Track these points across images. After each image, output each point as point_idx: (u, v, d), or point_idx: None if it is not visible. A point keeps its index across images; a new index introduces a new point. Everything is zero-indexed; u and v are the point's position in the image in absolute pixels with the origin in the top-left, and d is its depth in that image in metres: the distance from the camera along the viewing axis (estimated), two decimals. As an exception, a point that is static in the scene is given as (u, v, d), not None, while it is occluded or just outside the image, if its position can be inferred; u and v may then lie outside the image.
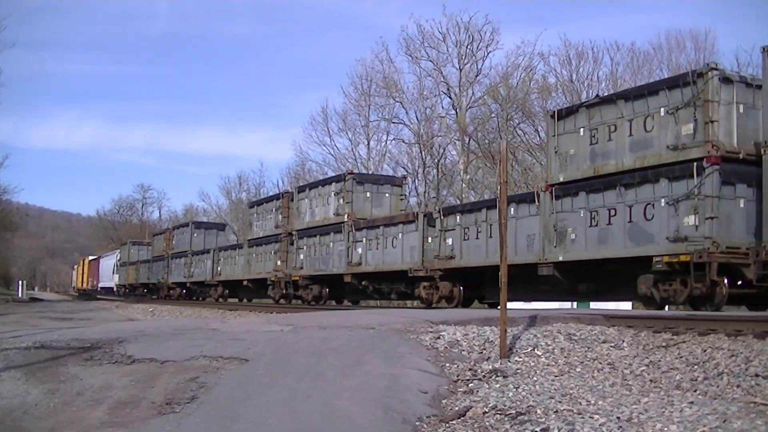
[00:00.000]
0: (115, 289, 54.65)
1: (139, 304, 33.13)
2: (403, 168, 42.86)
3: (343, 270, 21.91)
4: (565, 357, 7.75)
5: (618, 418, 5.17)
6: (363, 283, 21.57)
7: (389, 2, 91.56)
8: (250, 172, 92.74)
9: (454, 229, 17.50)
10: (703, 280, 11.53)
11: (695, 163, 11.76)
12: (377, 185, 23.74)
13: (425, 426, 5.48)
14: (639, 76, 36.89)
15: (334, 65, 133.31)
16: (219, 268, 32.66)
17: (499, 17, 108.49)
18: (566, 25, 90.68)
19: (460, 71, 40.43)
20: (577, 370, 7.30)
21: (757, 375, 6.23)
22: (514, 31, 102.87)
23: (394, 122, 43.78)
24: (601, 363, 7.48)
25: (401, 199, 23.95)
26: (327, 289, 24.18)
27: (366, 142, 45.03)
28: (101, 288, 61.03)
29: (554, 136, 14.94)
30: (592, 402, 5.77)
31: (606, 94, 19.25)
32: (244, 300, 32.24)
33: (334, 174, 32.46)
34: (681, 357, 7.26)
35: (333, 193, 23.67)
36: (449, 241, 17.60)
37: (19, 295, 55.45)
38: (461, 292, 18.01)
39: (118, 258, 54.36)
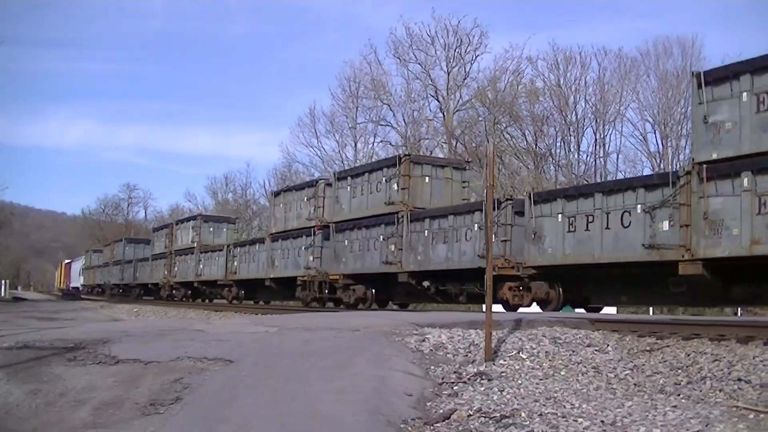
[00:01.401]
0: (80, 289, 62.10)
1: (123, 305, 33.37)
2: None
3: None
4: (550, 360, 7.78)
5: (602, 421, 5.20)
6: (195, 284, 33.63)
7: (383, 5, 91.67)
8: (236, 173, 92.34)
9: (236, 256, 29.08)
10: (312, 289, 22.53)
11: (312, 228, 22.68)
12: (218, 223, 35.98)
13: (410, 428, 5.47)
14: (626, 82, 37.21)
15: (326, 67, 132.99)
16: (137, 274, 43.27)
17: (488, 21, 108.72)
18: (555, 30, 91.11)
19: (448, 74, 40.57)
20: (562, 373, 7.33)
21: (739, 379, 6.28)
22: (502, 35, 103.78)
23: (381, 124, 43.99)
24: (585, 366, 7.52)
25: (235, 232, 36.56)
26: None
27: (353, 144, 45.17)
28: (72, 288, 67.61)
29: (322, 197, 25.23)
30: (577, 405, 5.80)
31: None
32: (155, 297, 39.97)
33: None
34: (665, 361, 7.31)
35: (191, 227, 35.68)
36: (236, 262, 29.14)
37: (2, 294, 55.03)
38: (242, 295, 29.70)
39: (83, 263, 61.81)
